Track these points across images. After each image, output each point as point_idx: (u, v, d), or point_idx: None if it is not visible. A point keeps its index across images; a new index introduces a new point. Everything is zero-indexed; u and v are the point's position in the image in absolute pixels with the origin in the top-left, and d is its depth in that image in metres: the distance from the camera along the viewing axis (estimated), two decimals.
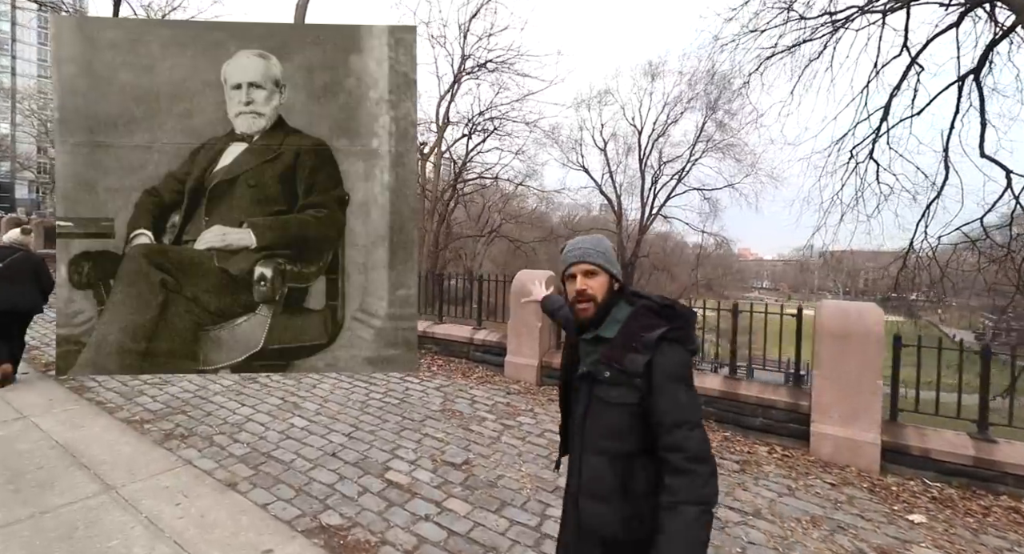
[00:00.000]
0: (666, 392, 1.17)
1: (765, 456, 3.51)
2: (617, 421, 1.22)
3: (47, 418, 3.73)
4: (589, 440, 1.28)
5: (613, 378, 1.21)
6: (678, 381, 1.18)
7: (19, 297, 4.43)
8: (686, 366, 1.22)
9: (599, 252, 1.31)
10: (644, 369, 1.17)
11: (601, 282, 1.29)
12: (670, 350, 1.19)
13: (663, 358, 1.18)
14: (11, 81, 56.87)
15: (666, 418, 1.16)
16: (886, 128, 10.75)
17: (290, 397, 4.43)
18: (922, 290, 12.65)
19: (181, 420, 3.84)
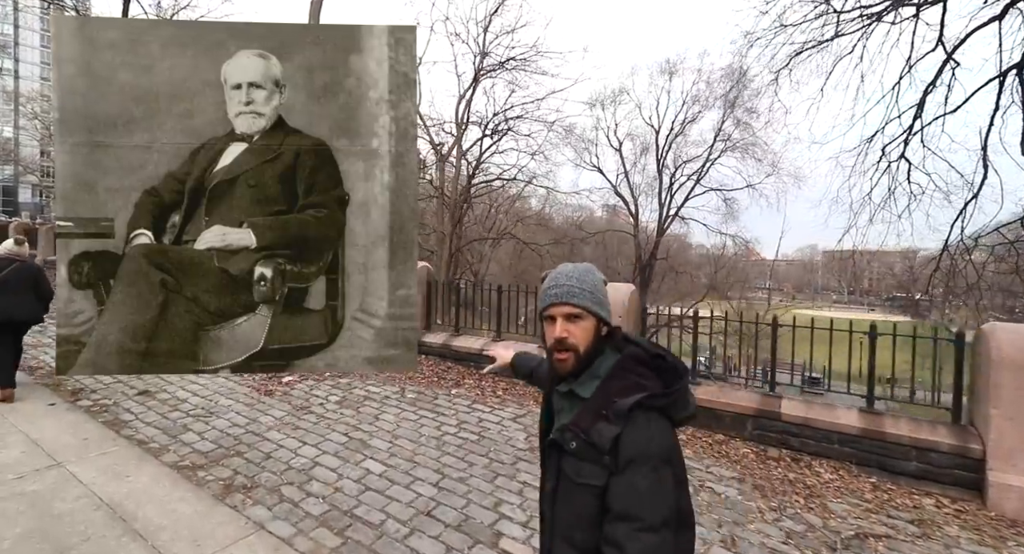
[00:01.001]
0: (625, 474, 0.92)
1: (935, 511, 2.98)
2: (586, 506, 0.97)
3: (85, 465, 3.21)
4: (558, 525, 1.04)
5: (579, 451, 0.97)
6: (643, 463, 0.91)
7: (16, 307, 4.36)
8: (662, 444, 0.94)
9: (585, 290, 1.06)
10: (612, 443, 0.93)
11: (586, 328, 1.05)
12: (644, 422, 0.94)
13: (634, 431, 0.93)
14: (14, 84, 56.55)
15: (615, 504, 0.91)
16: (920, 126, 10.31)
17: (353, 432, 3.91)
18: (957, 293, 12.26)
19: (238, 465, 3.32)
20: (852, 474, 3.35)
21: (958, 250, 9.84)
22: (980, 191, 9.61)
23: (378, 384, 5.11)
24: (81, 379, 4.85)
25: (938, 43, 9.57)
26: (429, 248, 23.26)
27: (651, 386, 0.98)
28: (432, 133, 17.15)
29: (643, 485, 0.90)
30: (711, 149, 24.45)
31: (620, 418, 0.94)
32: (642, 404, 0.95)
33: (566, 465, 1.01)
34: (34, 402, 4.21)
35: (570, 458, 1.00)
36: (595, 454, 0.94)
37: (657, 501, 0.90)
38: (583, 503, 0.97)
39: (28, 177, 57.47)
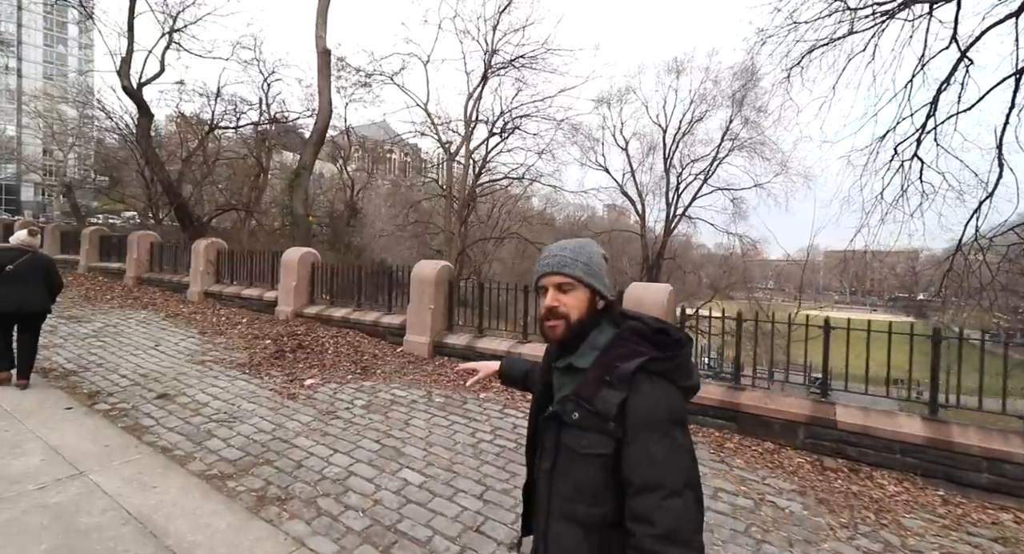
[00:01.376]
0: (639, 442, 0.90)
1: (1016, 527, 2.80)
2: (590, 478, 0.95)
3: (108, 475, 3.03)
4: (556, 503, 1.00)
5: (583, 421, 0.95)
6: (655, 429, 0.90)
7: (30, 298, 4.39)
8: (672, 408, 0.93)
9: (578, 261, 1.04)
10: (618, 410, 0.92)
11: (578, 298, 1.03)
12: (651, 387, 0.93)
13: (640, 397, 0.92)
14: (17, 83, 56.43)
15: (634, 476, 0.89)
16: (933, 124, 10.20)
17: (385, 439, 3.73)
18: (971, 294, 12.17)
19: (269, 474, 3.15)
20: (918, 487, 3.17)
21: (972, 250, 9.73)
22: (995, 190, 9.49)
23: (403, 387, 4.94)
24: (97, 382, 4.68)
25: (952, 41, 9.44)
26: (436, 247, 23.13)
27: (666, 355, 0.96)
28: (440, 131, 17.00)
29: (660, 451, 0.88)
30: (719, 148, 24.31)
31: (624, 383, 0.92)
32: (645, 368, 0.93)
33: (567, 438, 0.98)
34: (50, 406, 4.04)
35: (571, 430, 0.97)
36: (600, 422, 0.92)
37: (677, 464, 0.88)
38: (587, 474, 0.94)
39: (31, 176, 57.38)
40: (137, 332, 6.64)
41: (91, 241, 11.58)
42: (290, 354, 5.77)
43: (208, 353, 5.83)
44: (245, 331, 6.89)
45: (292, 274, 7.42)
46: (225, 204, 20.41)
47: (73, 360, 5.34)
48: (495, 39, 15.62)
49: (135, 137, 18.06)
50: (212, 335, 6.67)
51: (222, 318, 7.60)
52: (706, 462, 3.47)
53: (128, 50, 16.87)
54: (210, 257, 8.89)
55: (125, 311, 7.95)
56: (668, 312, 4.36)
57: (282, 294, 7.54)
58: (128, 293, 9.32)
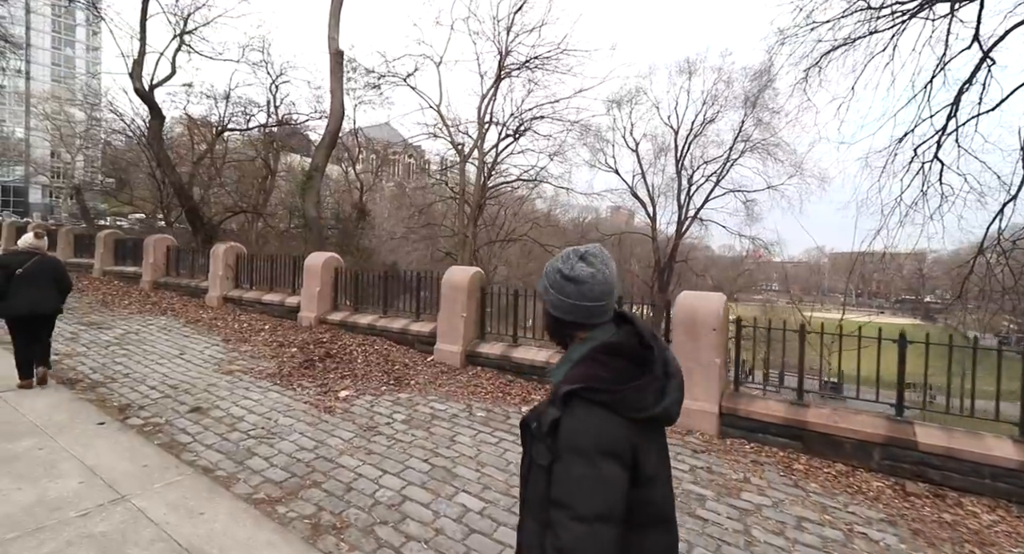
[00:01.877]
0: (560, 461, 0.93)
1: None
2: (542, 484, 0.97)
3: (152, 499, 2.86)
4: (529, 504, 1.05)
5: (536, 432, 1.01)
6: (574, 452, 0.91)
7: (42, 300, 4.45)
8: (600, 437, 0.91)
9: (541, 281, 1.11)
10: (550, 427, 0.95)
11: (544, 316, 1.12)
12: (582, 412, 0.93)
13: (571, 420, 0.93)
14: (26, 85, 56.74)
15: (551, 490, 0.93)
16: (954, 126, 10.01)
17: (433, 458, 3.55)
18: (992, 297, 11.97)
19: (320, 498, 2.97)
20: (1014, 515, 2.96)
21: (993, 253, 9.54)
22: (1019, 192, 9.28)
23: (441, 400, 4.76)
24: (126, 394, 4.52)
25: (974, 40, 9.24)
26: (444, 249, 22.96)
27: (605, 378, 0.95)
28: (452, 133, 16.85)
29: (575, 475, 0.90)
30: (731, 150, 24.08)
31: (559, 404, 0.95)
32: (577, 394, 0.94)
33: (532, 446, 1.03)
34: (82, 421, 3.88)
35: (535, 440, 1.01)
36: (543, 437, 0.97)
37: (591, 493, 0.88)
38: (540, 481, 0.98)
39: (39, 178, 57.71)
40: (160, 339, 6.48)
41: (106, 244, 11.46)
42: (319, 363, 5.60)
43: (235, 362, 5.66)
44: (269, 338, 6.73)
45: (315, 279, 7.26)
46: (235, 206, 20.32)
47: (99, 369, 5.18)
48: (509, 40, 15.49)
49: (147, 139, 18.00)
50: (236, 342, 6.51)
51: (244, 324, 7.45)
52: (779, 486, 3.27)
53: (140, 52, 16.80)
54: (229, 261, 8.74)
55: (145, 317, 7.80)
56: (723, 323, 4.16)
57: (305, 300, 7.38)
58: (146, 298, 9.19)
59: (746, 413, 3.97)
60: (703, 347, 4.14)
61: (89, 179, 35.65)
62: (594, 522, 0.87)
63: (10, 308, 4.32)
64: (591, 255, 1.05)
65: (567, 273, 1.05)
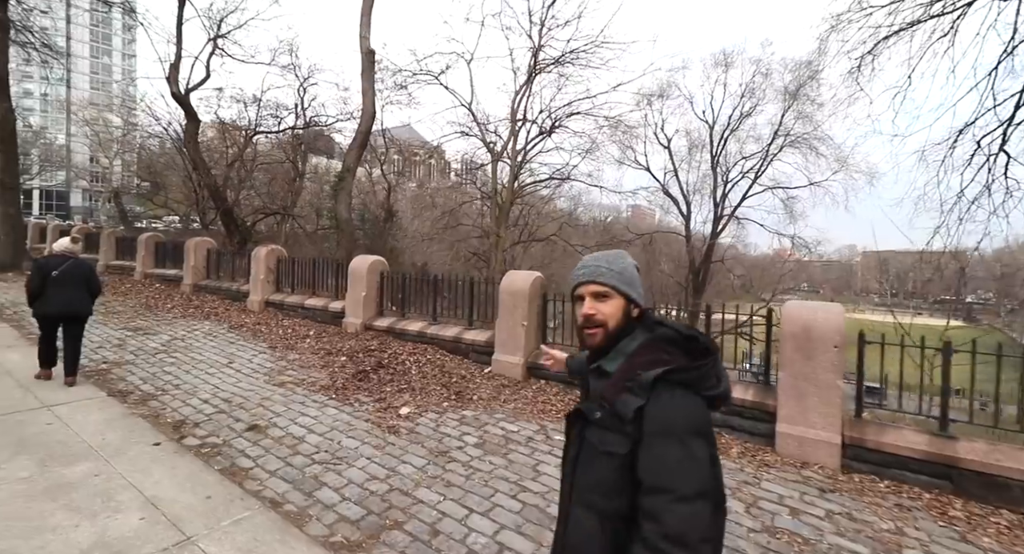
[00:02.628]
0: (652, 446, 0.94)
1: None
2: (606, 474, 1.00)
3: (221, 543, 2.52)
4: (578, 490, 1.06)
5: (604, 421, 1.01)
6: (669, 435, 0.93)
7: (74, 301, 4.60)
8: (690, 418, 0.95)
9: (613, 271, 1.11)
10: (635, 414, 0.96)
11: (614, 306, 1.09)
12: (669, 395, 0.95)
13: (657, 404, 0.95)
14: (66, 93, 59.19)
15: (646, 477, 0.93)
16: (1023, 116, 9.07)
17: (522, 494, 3.13)
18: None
19: (405, 544, 2.58)
20: None
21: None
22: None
23: (509, 419, 4.34)
24: (179, 408, 4.26)
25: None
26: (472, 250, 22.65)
27: (677, 362, 0.99)
28: (483, 131, 16.48)
29: (672, 457, 0.91)
30: (770, 145, 23.02)
31: (644, 390, 0.95)
32: (665, 378, 0.96)
33: (589, 434, 1.04)
34: (137, 441, 3.61)
35: (594, 427, 1.02)
36: (619, 424, 0.97)
37: (689, 473, 0.90)
38: (605, 470, 0.99)
39: (79, 182, 60.17)
40: (206, 346, 6.28)
41: (147, 247, 11.50)
42: (373, 375, 5.27)
43: (285, 372, 5.38)
44: (316, 346, 6.45)
45: (361, 284, 6.96)
46: (266, 207, 20.46)
47: (149, 380, 4.96)
48: (543, 34, 15.00)
49: (182, 143, 18.25)
50: (283, 350, 6.25)
51: (288, 330, 7.21)
52: (943, 541, 2.73)
53: (177, 56, 17.02)
54: (270, 265, 8.55)
55: (188, 321, 7.66)
56: (844, 338, 3.62)
57: (350, 305, 7.09)
58: (188, 301, 9.10)
59: (875, 445, 3.43)
60: (821, 366, 3.61)
61: (126, 183, 36.81)
62: (696, 500, 0.89)
63: (43, 307, 4.53)
64: None
65: (636, 265, 1.15)
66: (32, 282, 4.50)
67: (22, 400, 4.21)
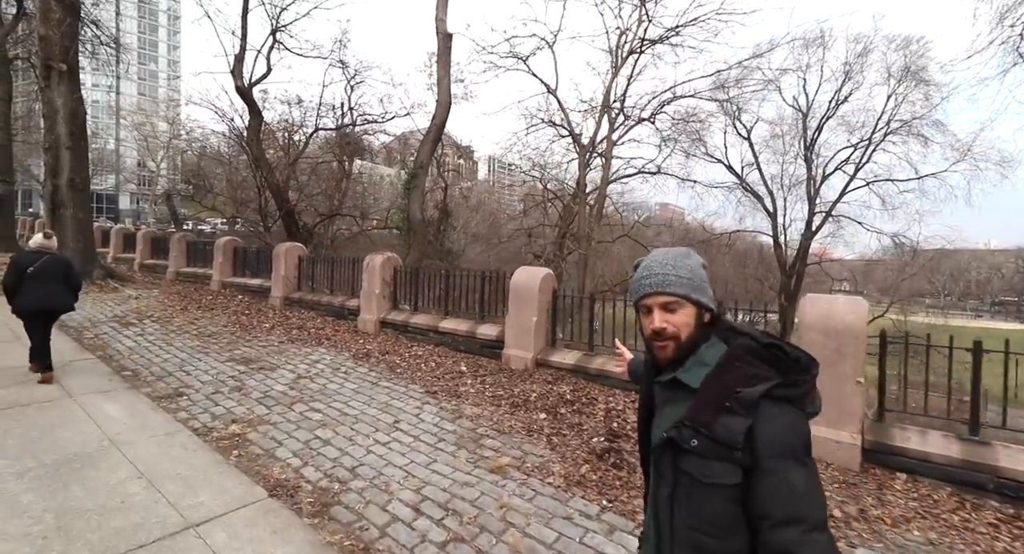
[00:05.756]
0: (775, 473, 0.83)
1: None
2: (718, 509, 0.87)
3: None
4: (681, 532, 0.91)
5: (703, 449, 0.88)
6: (790, 457, 0.84)
7: (53, 297, 4.62)
8: (802, 436, 0.87)
9: (683, 277, 0.98)
10: (744, 437, 0.85)
11: (686, 316, 0.98)
12: (780, 414, 0.86)
13: (769, 425, 0.85)
14: (115, 100, 60.71)
15: (773, 509, 0.82)
16: None
17: None
18: None
19: None
20: None
21: None
22: None
23: None
24: (388, 528, 2.67)
25: None
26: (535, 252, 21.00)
27: (772, 377, 0.89)
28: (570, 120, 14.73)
29: (799, 481, 0.82)
30: (874, 132, 20.41)
31: (748, 409, 0.86)
32: (773, 395, 0.86)
33: (687, 465, 0.91)
34: None
35: (691, 457, 0.90)
36: (724, 451, 0.86)
37: (817, 496, 0.84)
38: (715, 506, 0.87)
39: (128, 186, 61.65)
40: (346, 390, 4.75)
41: (224, 254, 10.26)
42: (610, 455, 3.58)
43: (482, 442, 3.76)
44: (484, 390, 4.85)
45: (530, 305, 5.31)
46: (332, 209, 19.37)
47: (306, 457, 3.41)
48: (646, 7, 13.10)
49: (245, 139, 17.25)
50: (447, 398, 4.66)
51: (429, 364, 5.65)
52: None
53: (241, 47, 15.97)
54: (386, 277, 7.05)
55: (300, 348, 6.21)
56: None
57: (514, 333, 5.45)
58: (284, 319, 7.70)
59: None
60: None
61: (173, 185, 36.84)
62: (825, 526, 0.82)
63: (20, 304, 4.51)
64: None
65: (703, 263, 1.05)
66: (7, 279, 4.54)
67: (165, 515, 2.71)
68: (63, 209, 9.92)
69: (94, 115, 59.60)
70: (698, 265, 1.01)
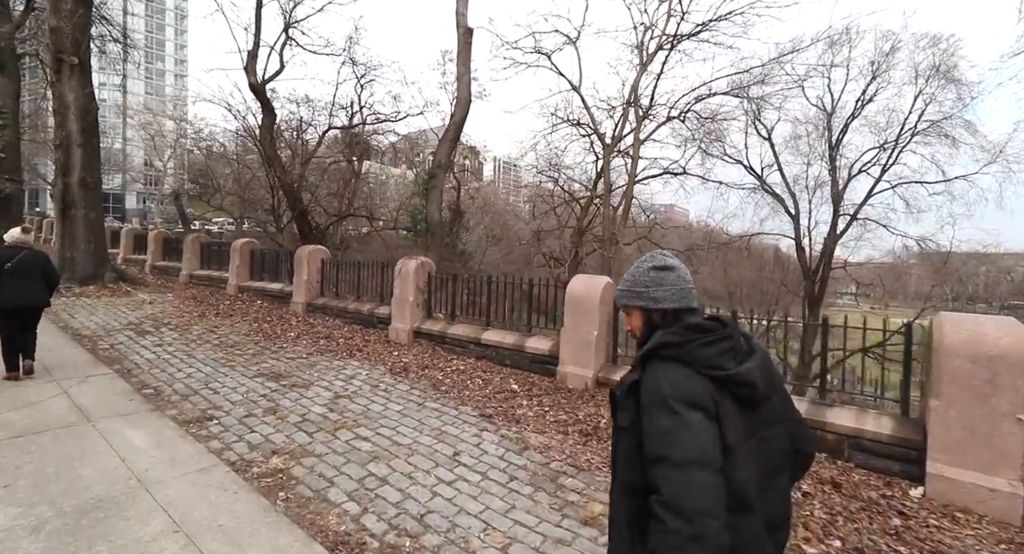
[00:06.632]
0: (647, 416, 1.00)
1: None
2: (624, 447, 1.08)
3: None
4: (616, 468, 1.14)
5: (619, 399, 1.11)
6: (659, 405, 0.98)
7: (31, 294, 4.51)
8: (679, 387, 0.98)
9: (624, 290, 1.23)
10: (630, 387, 1.06)
11: (636, 319, 1.21)
12: (659, 368, 1.03)
13: (648, 376, 1.03)
14: (123, 99, 60.56)
15: (647, 448, 0.98)
16: None
17: None
18: None
19: None
20: None
21: None
22: None
23: None
24: None
25: None
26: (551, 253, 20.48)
27: (675, 340, 1.03)
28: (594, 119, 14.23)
29: (662, 426, 0.95)
30: (900, 133, 19.78)
31: (639, 368, 1.06)
32: (655, 353, 1.04)
33: (616, 415, 1.12)
34: None
35: (617, 409, 1.11)
36: (622, 400, 1.07)
37: (680, 440, 0.92)
38: (623, 444, 1.07)
39: (134, 185, 61.51)
40: (391, 413, 4.27)
41: (241, 256, 9.82)
42: None
43: (558, 479, 3.27)
44: (541, 411, 4.36)
45: (589, 317, 4.81)
46: (343, 210, 18.95)
47: (360, 497, 2.93)
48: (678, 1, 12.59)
49: (258, 138, 16.85)
50: (506, 423, 4.17)
51: (473, 379, 5.17)
52: None
53: (255, 43, 15.57)
54: (420, 283, 6.57)
55: (330, 361, 5.74)
56: None
57: (572, 348, 4.95)
58: (309, 327, 7.24)
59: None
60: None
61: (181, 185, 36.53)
62: (689, 467, 0.90)
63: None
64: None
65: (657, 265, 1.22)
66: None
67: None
68: (74, 209, 9.50)
69: (101, 114, 59.61)
70: (641, 271, 1.19)
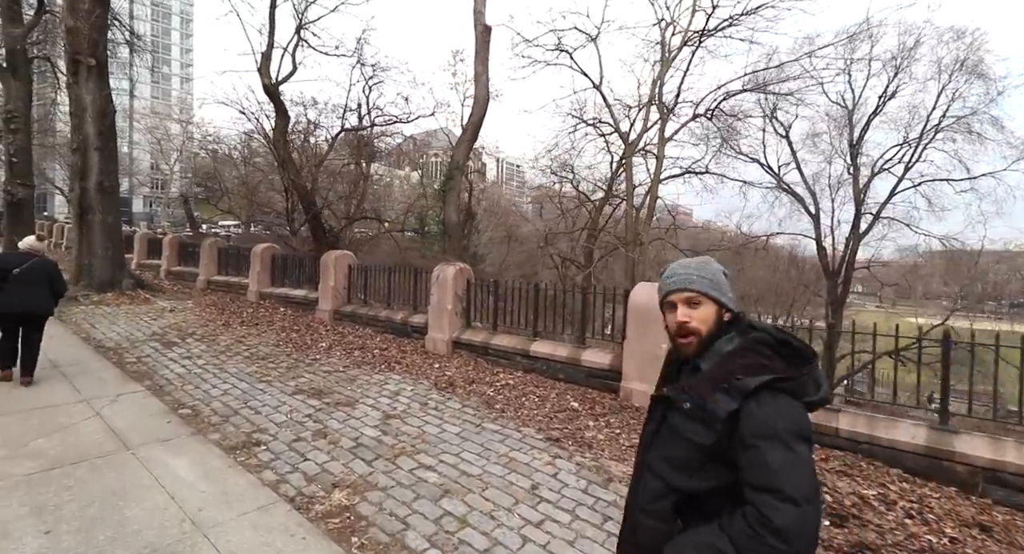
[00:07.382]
0: (755, 449, 0.96)
1: None
2: (686, 455, 1.06)
3: None
4: (654, 465, 1.12)
5: (692, 411, 1.04)
6: (771, 438, 0.95)
7: (36, 300, 4.53)
8: (793, 421, 0.98)
9: (704, 277, 1.14)
10: (728, 416, 0.99)
11: (706, 312, 1.12)
12: (772, 401, 0.98)
13: (758, 409, 0.98)
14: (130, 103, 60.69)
15: (752, 478, 0.96)
16: None
17: None
18: None
19: None
20: None
21: None
22: None
23: None
24: None
25: None
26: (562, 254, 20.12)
27: (776, 368, 1.01)
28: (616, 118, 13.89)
29: (777, 460, 0.93)
30: (924, 129, 19.32)
31: (740, 395, 0.98)
32: (771, 386, 0.98)
33: (672, 417, 1.09)
34: None
35: (679, 413, 1.07)
36: (707, 419, 1.00)
37: (795, 476, 0.92)
38: (680, 450, 1.06)
39: (141, 189, 61.57)
40: (450, 436, 3.93)
41: (262, 262, 9.52)
42: None
43: None
44: (612, 434, 4.01)
45: (656, 329, 4.46)
46: (356, 213, 18.67)
47: (442, 543, 2.58)
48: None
49: (271, 140, 16.59)
50: (575, 447, 3.82)
51: (527, 396, 4.82)
52: None
53: (268, 44, 15.33)
54: (458, 291, 6.24)
55: (369, 374, 5.40)
56: None
57: (637, 363, 4.60)
58: (339, 337, 6.91)
59: None
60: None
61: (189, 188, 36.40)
62: (804, 504, 0.90)
63: (3, 306, 4.36)
64: None
65: (724, 270, 1.18)
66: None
67: None
68: (92, 214, 9.23)
69: None
70: (719, 270, 1.16)
